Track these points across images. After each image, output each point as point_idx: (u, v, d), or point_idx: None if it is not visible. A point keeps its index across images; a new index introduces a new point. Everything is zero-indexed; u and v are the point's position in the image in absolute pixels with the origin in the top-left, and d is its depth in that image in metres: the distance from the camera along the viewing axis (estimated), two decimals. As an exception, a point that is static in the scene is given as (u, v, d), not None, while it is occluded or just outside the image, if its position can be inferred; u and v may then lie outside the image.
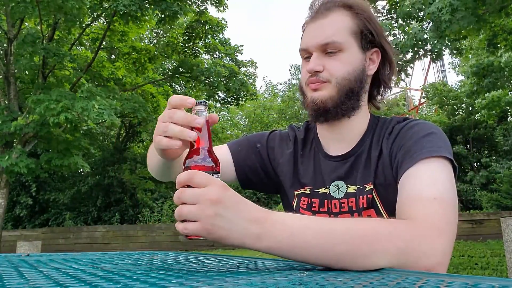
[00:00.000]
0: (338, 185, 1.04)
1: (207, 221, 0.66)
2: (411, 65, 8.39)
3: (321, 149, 1.11)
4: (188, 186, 0.68)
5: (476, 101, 11.94)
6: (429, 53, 7.76)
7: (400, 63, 7.89)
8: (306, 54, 1.04)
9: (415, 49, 7.63)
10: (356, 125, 1.05)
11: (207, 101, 0.79)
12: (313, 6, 1.05)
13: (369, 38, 1.02)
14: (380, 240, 0.71)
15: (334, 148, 1.08)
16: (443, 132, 0.97)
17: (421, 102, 25.94)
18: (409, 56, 7.95)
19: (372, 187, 0.99)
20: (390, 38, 8.26)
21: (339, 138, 1.07)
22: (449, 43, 7.63)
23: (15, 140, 9.98)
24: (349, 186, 1.03)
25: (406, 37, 7.64)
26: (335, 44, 0.99)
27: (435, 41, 7.10)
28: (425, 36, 7.25)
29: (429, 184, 0.83)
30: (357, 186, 1.02)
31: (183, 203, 0.67)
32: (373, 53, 1.04)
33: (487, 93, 11.10)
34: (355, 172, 1.03)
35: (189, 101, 0.75)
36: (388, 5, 9.87)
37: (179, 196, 0.67)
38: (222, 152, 1.15)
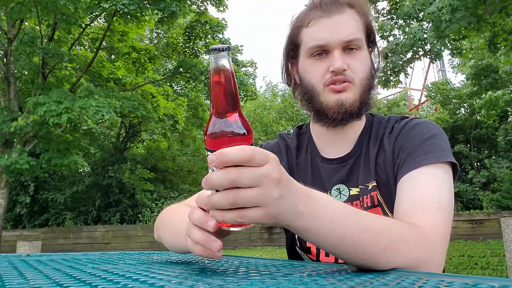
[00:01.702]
0: (339, 188, 1.02)
1: (273, 205, 0.57)
2: (411, 65, 8.39)
3: (318, 153, 1.08)
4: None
5: (475, 102, 11.95)
6: (429, 53, 7.77)
7: (400, 63, 7.90)
8: (318, 51, 0.97)
9: (415, 49, 7.64)
10: (357, 126, 1.04)
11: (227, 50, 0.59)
12: (320, 4, 1.00)
13: (371, 37, 1.02)
14: (406, 247, 0.71)
15: (331, 151, 1.05)
16: (443, 131, 0.96)
17: (421, 102, 25.96)
18: (409, 55, 7.96)
19: (374, 184, 0.98)
20: (391, 38, 8.27)
21: (340, 140, 1.04)
22: (448, 44, 7.63)
23: (15, 140, 9.99)
24: (351, 188, 1.01)
25: (406, 37, 7.65)
26: (358, 42, 0.96)
27: (435, 41, 7.11)
28: (425, 35, 7.27)
29: (433, 192, 0.83)
30: (360, 187, 1.00)
31: (233, 187, 0.55)
32: (370, 51, 1.04)
33: (485, 94, 11.12)
34: (355, 174, 1.01)
35: (210, 224, 0.63)
36: (388, 5, 9.88)
37: (234, 179, 0.54)
38: None
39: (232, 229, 0.63)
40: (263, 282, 0.56)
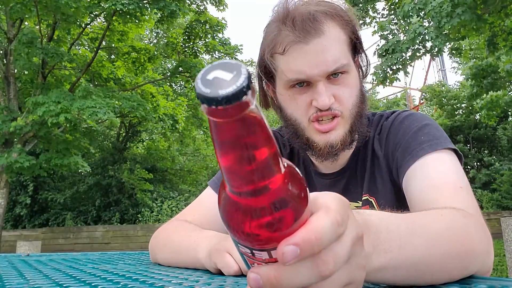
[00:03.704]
0: None
1: (362, 276, 0.38)
2: (411, 64, 8.41)
3: (311, 165, 1.00)
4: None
5: (475, 102, 11.97)
6: (429, 51, 7.81)
7: (400, 60, 7.92)
8: (296, 81, 0.84)
9: (415, 46, 7.69)
10: None
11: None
12: (292, 19, 0.82)
13: (358, 47, 0.89)
14: (470, 236, 0.58)
15: (326, 165, 0.97)
16: (434, 121, 0.90)
17: (421, 102, 26.00)
18: (409, 53, 7.98)
19: (367, 196, 0.93)
20: (390, 37, 8.30)
21: (333, 161, 0.94)
22: (447, 40, 7.67)
23: (15, 140, 10.00)
24: (350, 203, 0.93)
25: (406, 34, 7.70)
26: (344, 68, 0.83)
27: (434, 36, 7.17)
28: (425, 31, 7.34)
29: (446, 173, 0.76)
30: (357, 201, 0.94)
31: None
32: (357, 60, 0.92)
33: (486, 94, 11.14)
34: (353, 188, 0.95)
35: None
36: (387, 6, 9.91)
37: (332, 270, 0.34)
38: (209, 200, 1.01)
39: None
40: (263, 282, 0.56)
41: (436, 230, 0.53)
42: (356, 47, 0.89)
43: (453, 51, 9.99)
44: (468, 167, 16.49)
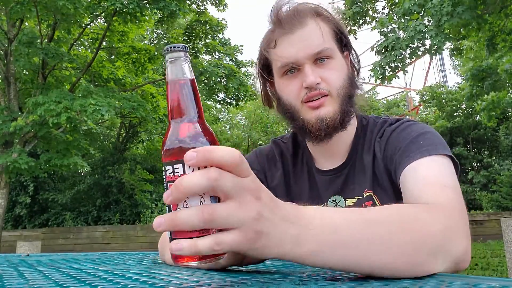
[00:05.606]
0: (335, 200, 1.01)
1: (250, 226, 0.45)
2: (409, 61, 8.40)
3: (313, 163, 1.06)
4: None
5: (476, 104, 11.96)
6: (428, 50, 7.81)
7: (400, 58, 7.92)
8: (289, 68, 0.95)
9: (415, 44, 7.69)
10: (347, 134, 1.01)
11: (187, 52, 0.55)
12: (280, 18, 0.95)
13: (344, 41, 0.99)
14: (421, 224, 0.61)
15: (326, 162, 1.04)
16: (436, 131, 0.94)
17: (419, 103, 26.04)
18: (408, 51, 7.97)
19: (371, 193, 0.96)
20: (390, 35, 8.31)
21: (330, 153, 1.02)
22: (447, 39, 7.67)
23: (15, 140, 10.00)
24: (347, 199, 1.00)
25: (406, 32, 7.71)
26: (328, 51, 0.93)
27: (434, 35, 7.18)
28: (425, 29, 7.35)
29: (435, 175, 0.80)
30: (356, 197, 0.98)
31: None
32: (346, 55, 1.01)
33: (486, 95, 11.13)
34: (351, 185, 1.00)
35: None
36: (387, 5, 9.93)
37: (217, 177, 0.43)
38: None
39: (192, 263, 0.49)
40: (263, 282, 0.56)
41: (375, 217, 0.57)
42: (342, 40, 0.99)
43: (453, 51, 9.99)
44: (468, 168, 16.50)
